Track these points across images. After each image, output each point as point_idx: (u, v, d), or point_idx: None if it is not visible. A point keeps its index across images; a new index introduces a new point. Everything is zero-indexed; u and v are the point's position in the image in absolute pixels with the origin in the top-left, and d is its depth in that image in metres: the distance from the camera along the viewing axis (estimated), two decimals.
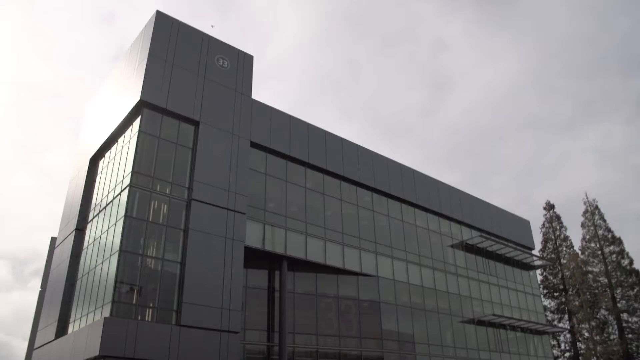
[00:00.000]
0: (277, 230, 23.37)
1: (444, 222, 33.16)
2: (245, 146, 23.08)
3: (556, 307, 51.47)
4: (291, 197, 24.74)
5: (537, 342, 37.75)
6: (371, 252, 27.11)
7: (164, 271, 19.61)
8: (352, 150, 28.27)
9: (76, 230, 24.21)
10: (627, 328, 47.35)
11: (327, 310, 24.72)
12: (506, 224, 38.54)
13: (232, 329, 19.57)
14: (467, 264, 33.65)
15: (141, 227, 19.56)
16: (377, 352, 25.67)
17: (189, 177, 21.15)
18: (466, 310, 31.97)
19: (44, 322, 24.73)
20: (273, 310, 22.86)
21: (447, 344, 29.68)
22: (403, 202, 30.58)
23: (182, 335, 18.25)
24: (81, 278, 22.23)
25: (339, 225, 26.06)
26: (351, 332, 25.08)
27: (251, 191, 22.80)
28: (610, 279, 48.54)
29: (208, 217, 20.52)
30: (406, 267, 28.94)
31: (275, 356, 21.95)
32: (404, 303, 28.00)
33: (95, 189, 24.39)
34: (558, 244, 53.08)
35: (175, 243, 20.07)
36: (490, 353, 32.38)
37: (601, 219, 51.23)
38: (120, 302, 18.25)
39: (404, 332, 27.51)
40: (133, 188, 19.67)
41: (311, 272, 24.73)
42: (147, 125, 20.94)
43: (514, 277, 37.47)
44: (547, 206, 55.53)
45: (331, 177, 26.88)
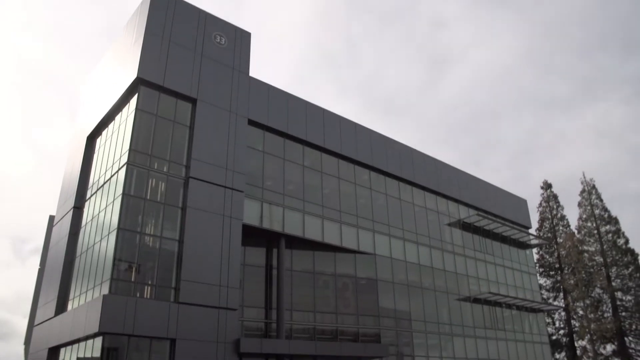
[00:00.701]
0: (275, 208, 23.42)
1: (441, 201, 33.25)
2: (243, 124, 23.00)
3: (552, 286, 51.96)
4: (289, 175, 24.74)
5: (532, 320, 38.18)
6: (369, 230, 27.22)
7: (162, 249, 19.68)
8: (350, 129, 28.20)
9: (74, 209, 24.23)
10: (621, 306, 47.88)
11: (324, 288, 24.91)
12: (503, 202, 38.68)
13: (230, 306, 19.73)
14: (464, 242, 33.85)
15: (139, 205, 19.58)
16: (374, 329, 25.94)
17: (186, 155, 21.10)
18: (462, 288, 32.25)
19: (43, 299, 24.90)
20: (271, 287, 23.02)
21: (443, 322, 30.00)
22: (401, 181, 30.61)
23: (181, 313, 18.40)
24: (80, 256, 22.32)
25: (336, 204, 26.12)
26: (348, 309, 25.31)
27: (249, 169, 22.78)
28: (606, 258, 48.93)
29: (206, 195, 20.54)
30: (403, 245, 29.10)
31: (273, 333, 22.18)
32: (401, 281, 28.21)
33: (92, 167, 24.36)
34: (555, 223, 53.36)
35: (173, 221, 20.11)
36: (486, 330, 32.76)
37: (598, 199, 51.46)
38: (119, 279, 18.34)
39: (400, 309, 27.78)
40: (131, 166, 19.63)
41: (309, 250, 24.85)
42: (145, 103, 20.82)
43: (510, 256, 37.74)
44: (544, 185, 55.73)
45: (329, 155, 26.85)
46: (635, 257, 48.71)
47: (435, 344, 29.13)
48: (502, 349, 33.47)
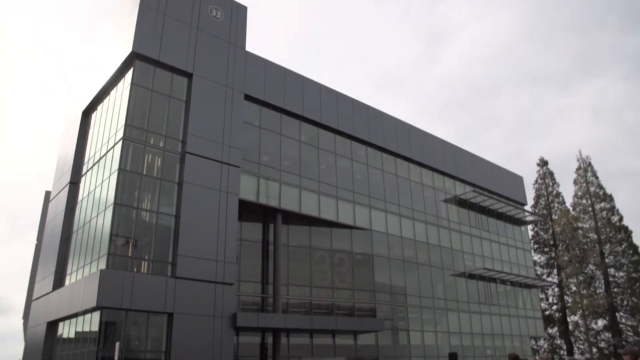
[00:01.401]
0: (271, 184, 23.42)
1: (437, 177, 33.31)
2: (239, 99, 22.85)
3: (546, 262, 52.39)
4: (285, 150, 24.67)
5: (526, 296, 38.61)
6: (365, 206, 27.29)
7: (158, 224, 19.71)
8: (346, 104, 28.07)
9: (70, 184, 24.19)
10: (613, 282, 48.42)
11: (320, 263, 25.07)
12: (499, 179, 38.78)
13: (226, 281, 19.86)
14: (459, 218, 34.01)
15: (135, 181, 19.55)
16: (370, 303, 26.20)
17: (182, 130, 21.00)
18: (458, 263, 32.51)
19: (41, 274, 25.00)
20: (267, 262, 23.15)
21: (438, 297, 30.30)
22: (397, 157, 30.60)
23: (178, 287, 18.51)
24: (76, 231, 22.36)
25: (333, 179, 26.12)
26: (344, 284, 25.51)
27: (245, 144, 22.70)
28: (600, 235, 49.30)
29: (202, 170, 20.50)
30: (399, 220, 29.22)
31: (270, 307, 22.38)
32: (397, 256, 28.40)
33: (88, 142, 24.25)
34: (550, 200, 53.56)
35: (170, 196, 20.11)
36: (480, 305, 33.14)
37: (593, 176, 51.61)
38: (116, 254, 18.40)
39: (396, 284, 28.02)
40: (126, 141, 19.54)
41: (305, 225, 24.93)
42: (140, 78, 20.62)
43: (505, 232, 37.99)
44: (540, 162, 55.76)
45: (326, 130, 26.75)
46: (628, 235, 49.10)
47: (430, 319, 29.48)
48: (496, 323, 33.92)
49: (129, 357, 17.48)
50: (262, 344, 22.19)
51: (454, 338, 30.40)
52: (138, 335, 18.51)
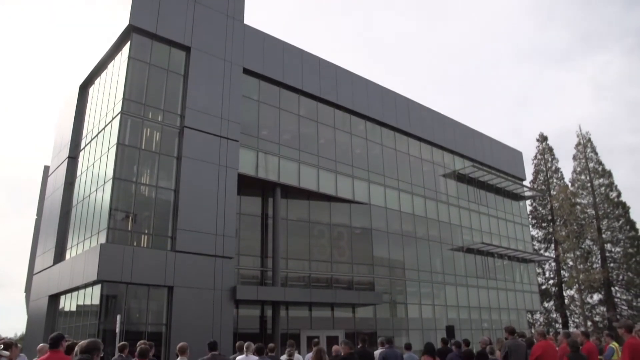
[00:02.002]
0: (270, 158, 23.41)
1: (436, 152, 33.29)
2: (238, 73, 22.70)
3: (543, 237, 52.69)
4: (284, 124, 24.60)
5: (523, 270, 38.94)
6: (364, 180, 27.33)
7: (158, 198, 19.77)
8: (346, 78, 27.90)
9: (69, 159, 24.18)
10: (610, 258, 48.78)
11: (319, 237, 25.20)
12: (498, 154, 38.78)
13: (226, 255, 19.98)
14: (458, 193, 34.10)
15: (134, 155, 19.53)
16: (368, 277, 26.43)
17: (180, 104, 20.91)
18: (456, 238, 32.70)
19: (41, 248, 25.14)
20: (266, 236, 23.28)
21: (436, 271, 30.55)
22: (396, 131, 30.53)
23: (178, 261, 18.64)
24: (76, 206, 22.42)
25: (332, 153, 26.10)
26: (343, 258, 25.69)
27: (244, 118, 22.62)
28: (598, 211, 49.49)
29: (201, 144, 20.47)
30: (398, 195, 29.30)
31: (269, 281, 22.57)
32: (395, 230, 28.54)
33: (86, 117, 24.16)
34: (549, 176, 53.64)
35: (169, 171, 20.11)
36: (478, 279, 33.44)
37: (593, 152, 51.58)
38: (116, 229, 18.49)
39: (394, 258, 28.22)
40: (124, 115, 19.46)
41: (304, 199, 25.00)
42: (137, 51, 20.45)
43: (504, 207, 38.14)
44: (540, 138, 55.67)
45: (325, 104, 26.63)
46: (626, 210, 49.30)
47: (428, 292, 29.77)
48: (493, 297, 34.27)
49: (130, 329, 17.66)
50: (262, 317, 22.45)
51: (452, 311, 30.74)
52: (139, 308, 18.70)
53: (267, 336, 21.37)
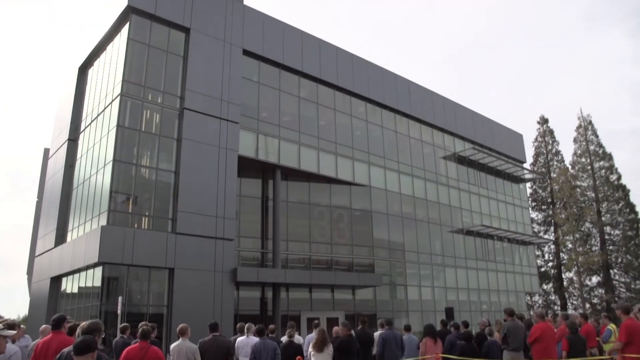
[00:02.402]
0: (270, 140, 23.35)
1: (437, 134, 33.20)
2: (238, 54, 22.53)
3: (543, 220, 52.80)
4: (284, 106, 24.49)
5: (523, 252, 39.09)
6: (364, 162, 27.29)
7: (158, 180, 19.77)
8: (346, 60, 27.70)
9: (69, 141, 24.13)
10: (609, 240, 48.94)
11: (319, 219, 25.24)
12: (499, 136, 38.68)
13: (226, 237, 20.04)
14: (458, 175, 34.09)
15: (134, 137, 19.48)
16: (368, 259, 26.53)
17: (180, 86, 20.80)
18: (456, 220, 32.76)
19: (43, 231, 25.22)
20: (267, 218, 23.32)
21: (436, 253, 30.67)
22: (397, 113, 30.40)
23: (178, 243, 18.70)
24: (76, 188, 22.43)
25: (332, 135, 26.03)
26: (343, 240, 25.76)
27: (244, 100, 22.52)
28: (598, 194, 49.53)
29: (201, 126, 20.41)
30: (398, 177, 29.28)
31: (269, 262, 22.67)
32: (396, 212, 28.58)
33: (85, 99, 24.07)
34: (549, 158, 53.58)
35: (169, 153, 20.08)
36: (477, 262, 33.58)
37: (593, 135, 51.46)
38: (116, 211, 18.52)
39: (394, 240, 28.30)
40: (124, 97, 19.38)
41: (304, 181, 24.99)
42: (136, 33, 20.28)
43: (504, 190, 38.15)
44: (540, 120, 55.49)
45: (325, 86, 26.48)
46: (626, 193, 49.35)
47: (428, 274, 29.92)
48: (492, 279, 34.45)
49: (132, 311, 17.81)
50: (262, 298, 22.59)
51: (451, 293, 30.92)
52: (140, 290, 18.82)
53: (268, 318, 21.51)
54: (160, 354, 8.04)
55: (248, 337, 10.94)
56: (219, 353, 9.30)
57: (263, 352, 9.67)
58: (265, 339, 9.97)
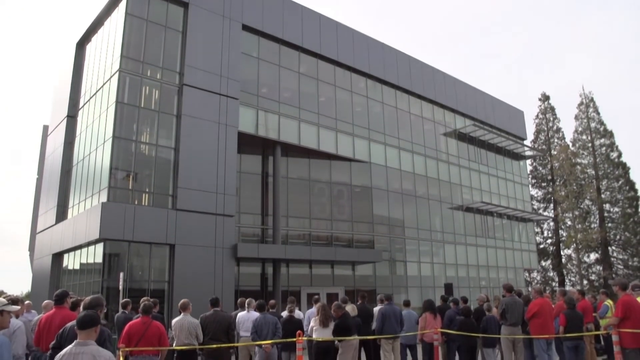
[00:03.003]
0: (270, 116, 23.25)
1: (438, 110, 33.03)
2: (237, 29, 22.29)
3: (543, 197, 52.94)
4: (284, 82, 24.31)
5: (522, 229, 39.24)
6: (364, 139, 27.21)
7: (158, 157, 19.75)
8: (346, 35, 27.40)
9: (68, 117, 24.04)
10: (608, 218, 49.14)
11: (320, 195, 25.28)
12: (500, 113, 38.50)
13: (227, 213, 20.09)
14: (458, 152, 34.02)
15: (133, 113, 19.39)
16: (368, 235, 26.65)
17: (179, 62, 20.63)
18: (455, 197, 32.80)
19: (43, 207, 25.29)
20: (267, 194, 23.35)
21: (435, 229, 30.78)
22: (397, 89, 30.19)
23: (179, 219, 18.75)
24: (76, 165, 22.41)
25: (332, 111, 25.90)
26: (343, 216, 25.83)
27: (243, 76, 22.35)
28: (598, 171, 49.57)
29: (200, 102, 20.30)
30: (398, 153, 29.23)
31: (270, 239, 22.77)
32: (395, 189, 28.61)
33: (84, 75, 23.90)
34: (550, 136, 53.47)
35: (169, 129, 20.02)
36: (477, 238, 33.73)
37: (595, 112, 51.28)
38: (117, 187, 18.54)
39: (394, 217, 28.38)
40: (123, 73, 19.23)
41: (304, 157, 24.94)
42: (134, 7, 20.03)
43: (504, 167, 38.12)
44: (542, 97, 55.23)
45: (325, 62, 26.23)
46: (626, 171, 49.39)
47: (427, 250, 30.08)
48: (491, 255, 34.65)
49: (133, 287, 17.97)
50: (263, 274, 22.76)
51: (450, 269, 31.14)
52: (141, 266, 18.96)
53: (268, 293, 21.70)
54: (162, 328, 8.13)
55: (249, 312, 11.05)
56: (220, 328, 9.40)
57: (264, 327, 9.78)
58: (265, 314, 10.08)
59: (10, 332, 6.60)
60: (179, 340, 8.95)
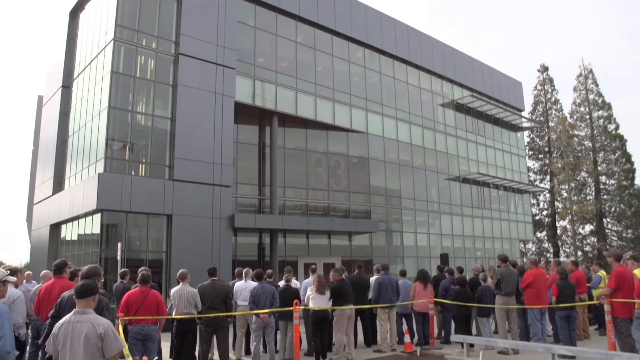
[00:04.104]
0: (267, 86, 23.05)
1: (435, 81, 32.79)
2: None
3: (539, 169, 53.08)
4: (281, 52, 24.03)
5: (518, 201, 39.41)
6: (361, 109, 27.05)
7: (154, 127, 19.62)
8: (344, 4, 26.95)
9: (62, 88, 23.79)
10: (604, 190, 49.39)
11: (316, 166, 25.26)
12: (498, 84, 38.25)
13: (224, 183, 20.08)
14: (456, 123, 33.90)
15: (129, 83, 19.19)
16: (365, 205, 26.74)
17: (175, 31, 20.32)
18: (452, 168, 32.83)
19: (40, 178, 25.23)
20: (264, 165, 23.32)
21: (432, 200, 30.89)
22: (395, 59, 29.89)
23: (176, 189, 18.73)
24: (72, 135, 22.29)
25: (329, 81, 25.67)
26: (340, 186, 25.86)
27: (240, 45, 22.07)
28: (595, 143, 49.61)
29: (197, 72, 20.08)
30: (396, 124, 29.12)
31: (267, 209, 22.83)
32: (392, 159, 28.59)
33: (78, 44, 23.57)
34: (548, 107, 53.30)
35: (165, 99, 19.85)
36: (473, 209, 33.89)
37: (594, 83, 51.05)
38: (113, 158, 18.47)
39: (391, 187, 28.43)
40: (117, 42, 18.95)
41: (301, 127, 24.83)
42: None
43: (501, 138, 38.06)
44: (541, 68, 54.87)
45: (322, 31, 25.86)
46: (623, 143, 49.44)
47: (424, 221, 30.25)
48: (487, 226, 34.88)
49: (131, 257, 18.04)
50: (260, 244, 22.90)
51: (446, 240, 31.37)
52: (139, 237, 19.00)
53: (265, 263, 21.86)
54: (160, 297, 8.21)
55: (246, 282, 11.15)
56: (218, 297, 9.51)
57: (262, 296, 9.89)
58: (263, 284, 10.17)
59: (10, 302, 6.67)
60: (178, 309, 9.05)
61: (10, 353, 4.85)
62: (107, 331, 4.12)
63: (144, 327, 7.84)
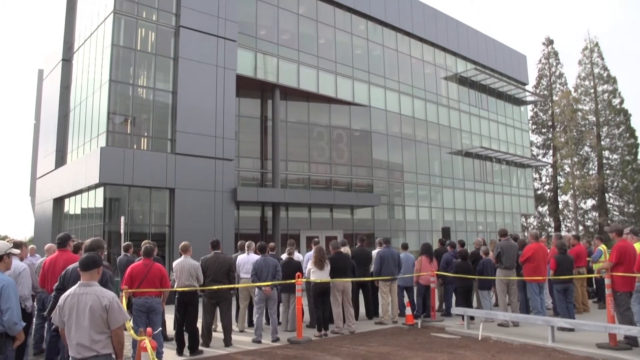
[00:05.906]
0: (269, 59, 22.83)
1: (439, 54, 32.43)
2: None
3: (542, 143, 52.90)
4: (283, 24, 23.72)
5: (520, 175, 39.35)
6: (364, 82, 26.83)
7: (156, 101, 19.55)
8: None
9: (63, 61, 23.62)
10: (607, 164, 49.28)
11: (319, 139, 25.18)
12: (502, 57, 37.80)
13: (226, 157, 20.06)
14: (459, 96, 33.64)
15: (129, 56, 19.03)
16: (367, 179, 26.73)
17: (175, 3, 20.04)
18: (455, 141, 32.70)
19: (42, 152, 25.25)
20: (266, 138, 23.26)
21: (434, 174, 30.85)
22: (398, 32, 29.48)
23: (178, 163, 18.73)
24: (74, 109, 22.21)
25: (332, 54, 25.40)
26: (342, 160, 25.82)
27: (241, 18, 21.80)
28: (599, 117, 49.31)
29: (198, 45, 19.89)
30: (398, 97, 28.91)
31: (269, 182, 22.86)
32: (395, 133, 28.46)
33: (77, 17, 23.32)
34: (552, 81, 52.86)
35: (166, 72, 19.71)
36: (475, 183, 33.87)
37: (599, 57, 50.49)
38: (115, 132, 18.44)
39: (393, 161, 28.38)
40: (117, 14, 18.73)
41: (304, 101, 24.67)
42: None
43: (504, 112, 37.80)
44: (545, 42, 54.27)
45: (325, 3, 25.40)
46: (627, 118, 49.18)
47: (426, 195, 30.27)
48: (489, 200, 34.90)
49: (134, 230, 18.16)
50: (262, 218, 22.98)
51: (448, 213, 31.43)
52: (142, 210, 19.09)
53: (268, 236, 21.95)
54: (163, 270, 8.29)
55: (248, 255, 11.25)
56: (220, 270, 9.60)
57: (264, 269, 9.98)
58: (266, 256, 10.26)
59: (16, 274, 6.73)
60: (180, 281, 9.15)
61: (17, 324, 4.92)
62: (111, 303, 4.18)
63: (148, 300, 7.94)
